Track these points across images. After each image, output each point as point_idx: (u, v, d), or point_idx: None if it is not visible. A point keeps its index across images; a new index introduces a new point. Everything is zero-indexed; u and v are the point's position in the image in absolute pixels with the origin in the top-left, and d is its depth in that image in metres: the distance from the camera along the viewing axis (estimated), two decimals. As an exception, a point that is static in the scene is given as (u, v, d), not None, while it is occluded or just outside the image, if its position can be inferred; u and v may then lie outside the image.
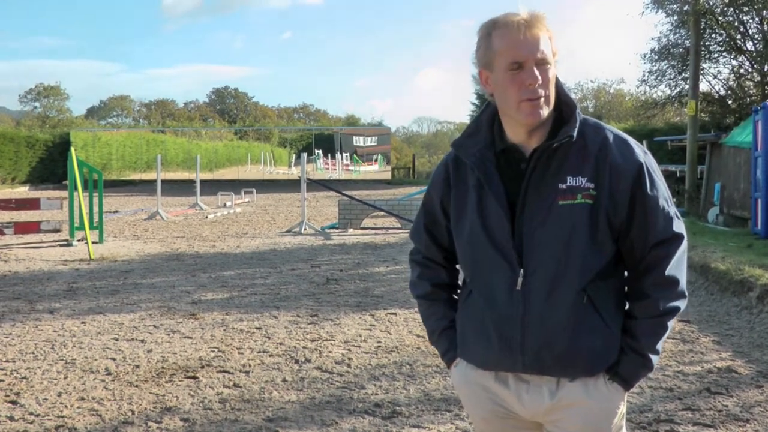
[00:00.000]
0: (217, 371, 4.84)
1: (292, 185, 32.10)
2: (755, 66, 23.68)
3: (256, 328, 6.06)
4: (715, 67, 24.47)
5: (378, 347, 5.46)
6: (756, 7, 21.99)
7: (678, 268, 1.76)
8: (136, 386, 4.51)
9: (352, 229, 14.58)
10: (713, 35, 23.35)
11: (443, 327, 1.96)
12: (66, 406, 4.14)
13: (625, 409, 1.86)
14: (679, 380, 4.59)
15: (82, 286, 8.11)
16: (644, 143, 17.89)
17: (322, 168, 42.21)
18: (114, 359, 5.12)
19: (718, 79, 24.80)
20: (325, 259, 10.50)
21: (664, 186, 1.78)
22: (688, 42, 20.85)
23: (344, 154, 42.54)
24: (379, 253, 11.06)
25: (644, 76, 25.86)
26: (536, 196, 1.74)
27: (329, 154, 42.82)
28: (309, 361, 5.09)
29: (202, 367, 4.93)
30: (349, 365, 4.98)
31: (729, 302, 6.90)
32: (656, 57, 24.67)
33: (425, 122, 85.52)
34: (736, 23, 22.87)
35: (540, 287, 1.73)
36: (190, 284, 8.26)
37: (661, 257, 1.75)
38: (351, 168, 42.46)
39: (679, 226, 1.77)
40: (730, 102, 24.61)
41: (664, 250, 1.75)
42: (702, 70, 20.84)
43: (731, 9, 22.14)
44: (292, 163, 43.71)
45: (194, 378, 4.68)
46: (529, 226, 1.74)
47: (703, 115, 22.89)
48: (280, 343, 5.57)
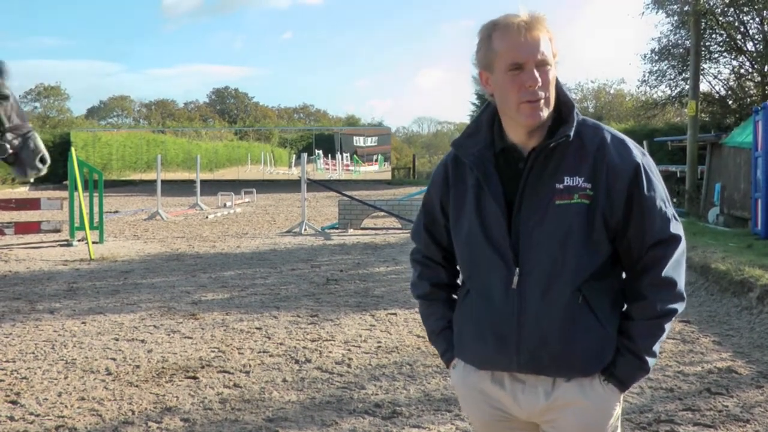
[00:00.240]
0: (217, 371, 4.84)
1: (292, 185, 32.06)
2: (755, 66, 23.69)
3: (257, 329, 6.07)
4: (715, 68, 24.54)
5: (378, 347, 5.47)
6: (756, 7, 22.00)
7: (676, 269, 1.75)
8: (137, 386, 4.51)
9: (352, 230, 14.57)
10: (713, 35, 23.36)
11: (442, 327, 1.97)
12: (66, 406, 4.14)
13: (620, 410, 1.86)
14: (679, 380, 4.59)
15: (83, 286, 8.12)
16: (644, 144, 17.91)
17: (322, 168, 42.17)
18: (114, 359, 5.13)
19: (719, 80, 24.87)
20: (325, 259, 10.50)
21: (662, 187, 1.78)
22: (688, 42, 20.86)
23: (344, 155, 42.49)
24: (379, 254, 11.06)
25: (644, 76, 25.89)
26: (533, 196, 1.74)
27: (329, 155, 42.77)
28: (309, 361, 5.09)
29: (203, 367, 4.93)
30: (349, 365, 4.98)
31: (729, 303, 6.90)
32: (656, 57, 24.70)
33: (425, 122, 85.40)
34: (737, 23, 22.89)
35: (535, 286, 1.73)
36: (190, 284, 8.26)
37: (658, 258, 1.75)
38: (351, 168, 42.43)
39: (677, 228, 1.77)
40: (730, 102, 24.63)
41: (662, 251, 1.75)
42: (702, 70, 20.84)
43: (731, 9, 22.14)
44: (293, 163, 43.63)
45: (194, 378, 4.68)
46: (526, 226, 1.74)
47: (703, 115, 22.89)
48: (281, 344, 5.57)
